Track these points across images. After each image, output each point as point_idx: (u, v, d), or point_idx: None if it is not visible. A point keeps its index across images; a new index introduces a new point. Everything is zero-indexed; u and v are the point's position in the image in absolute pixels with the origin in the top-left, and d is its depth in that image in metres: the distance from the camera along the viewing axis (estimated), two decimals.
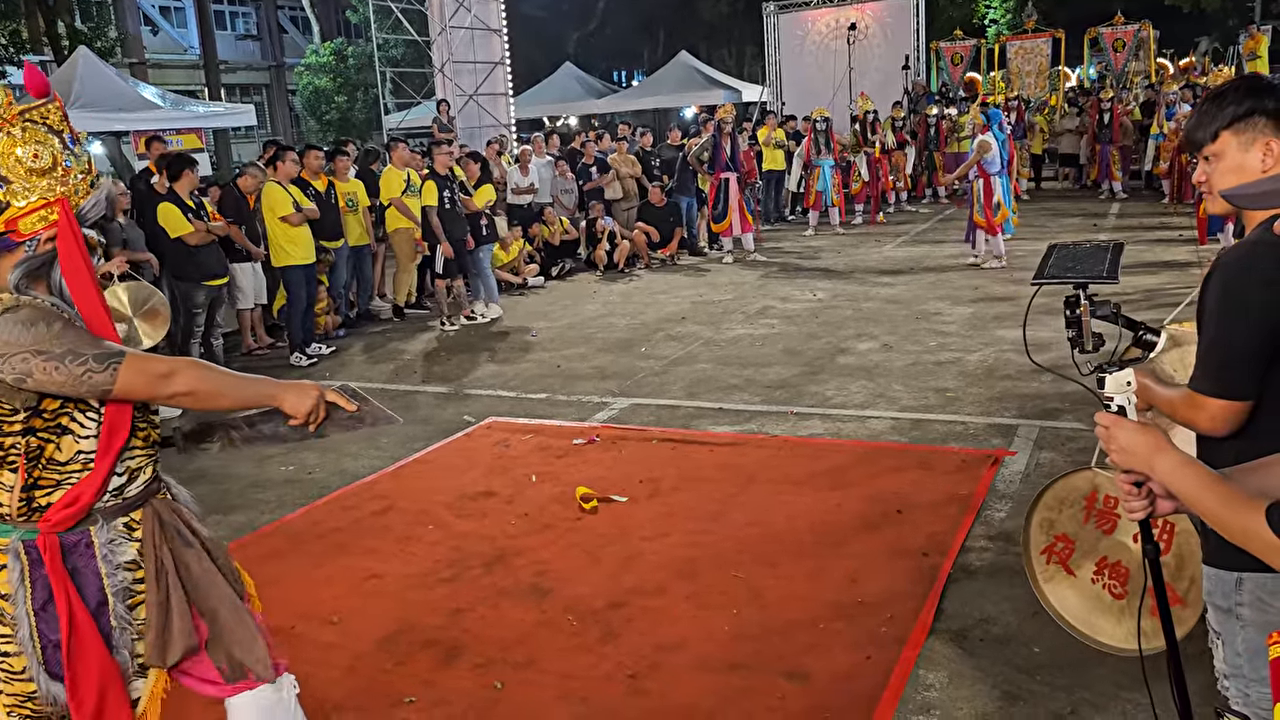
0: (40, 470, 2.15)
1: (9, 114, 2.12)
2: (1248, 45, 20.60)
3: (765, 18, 22.27)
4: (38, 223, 2.14)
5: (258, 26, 35.50)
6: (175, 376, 2.16)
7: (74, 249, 2.17)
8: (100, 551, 2.24)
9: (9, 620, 2.18)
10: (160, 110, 15.15)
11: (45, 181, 2.13)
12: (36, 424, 2.12)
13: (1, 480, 2.15)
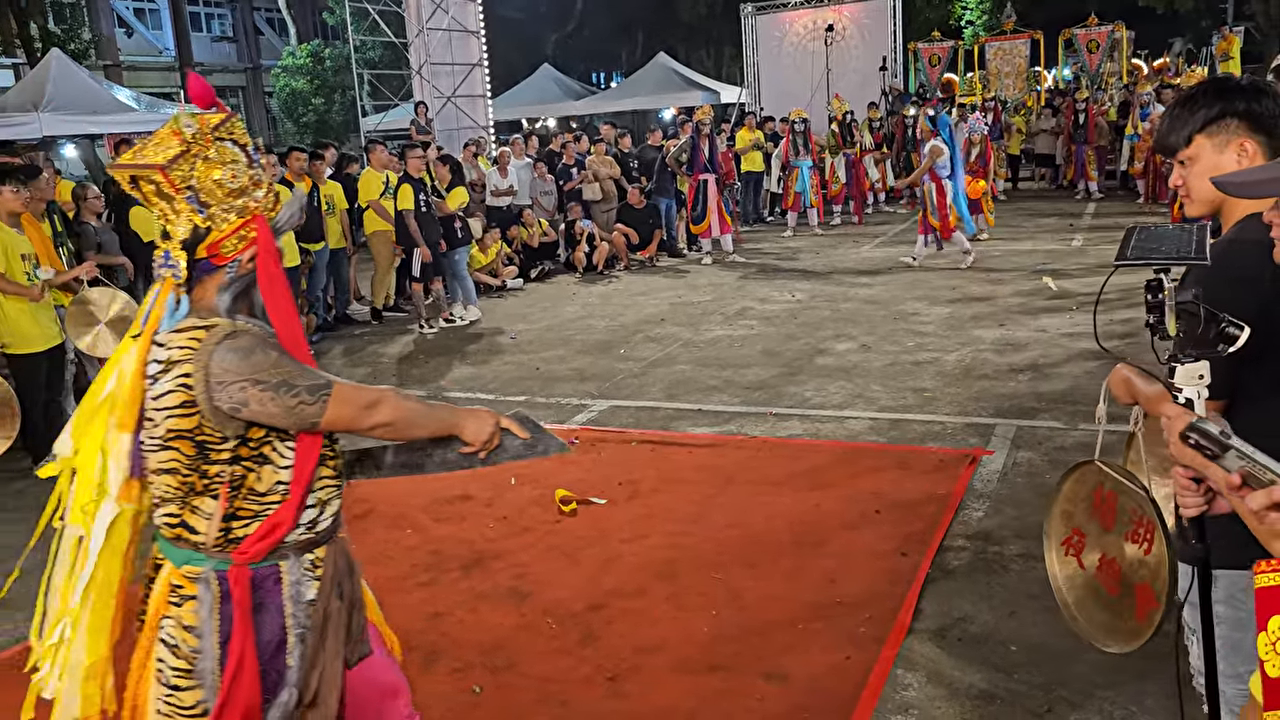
0: (240, 500, 2.08)
1: (204, 139, 2.06)
2: (1220, 46, 20.83)
3: (743, 19, 22.33)
4: (238, 244, 2.08)
5: (233, 28, 35.29)
6: (379, 407, 2.12)
7: (274, 268, 2.12)
8: (288, 590, 2.15)
9: (188, 653, 2.09)
10: (134, 113, 15.03)
11: (241, 201, 2.08)
12: (243, 452, 2.05)
13: (202, 508, 2.07)
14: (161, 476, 2.06)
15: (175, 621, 2.09)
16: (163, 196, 2.06)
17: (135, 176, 2.07)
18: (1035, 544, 4.32)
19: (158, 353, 2.04)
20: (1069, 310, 8.65)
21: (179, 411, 2.00)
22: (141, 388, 2.05)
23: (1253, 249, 1.91)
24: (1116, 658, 3.40)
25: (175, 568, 2.10)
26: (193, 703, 2.09)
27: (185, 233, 2.06)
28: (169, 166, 1.99)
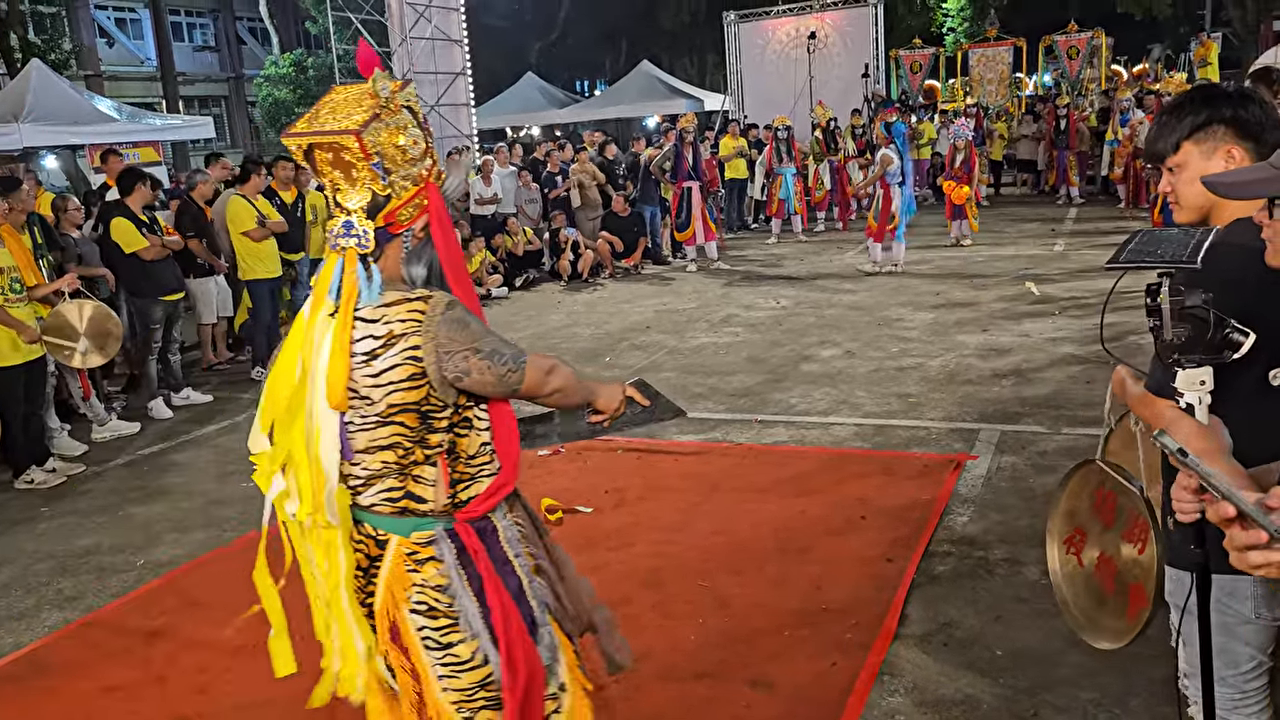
0: (458, 465, 2.13)
1: (394, 102, 2.03)
2: (1198, 52, 21.01)
3: (726, 27, 22.39)
4: (413, 211, 2.07)
5: (216, 38, 35.18)
6: (555, 374, 2.16)
7: (451, 236, 2.13)
8: (504, 539, 2.22)
9: (447, 610, 2.13)
10: (116, 123, 14.94)
11: (417, 169, 2.06)
12: (454, 419, 2.10)
13: (425, 477, 2.11)
14: (378, 454, 2.06)
15: (422, 586, 2.12)
16: (340, 165, 2.02)
17: (314, 145, 2.03)
18: (1020, 548, 4.35)
19: (369, 329, 2.01)
20: (1052, 315, 8.70)
21: (406, 385, 2.01)
22: (349, 365, 2.01)
23: (1238, 253, 1.93)
24: (1100, 661, 3.42)
25: (404, 538, 2.12)
26: (469, 654, 2.14)
27: (364, 201, 2.03)
28: (363, 131, 1.96)
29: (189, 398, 8.09)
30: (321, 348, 2.03)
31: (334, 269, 2.04)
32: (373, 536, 2.14)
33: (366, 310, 2.02)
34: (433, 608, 2.12)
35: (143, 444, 7.15)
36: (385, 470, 2.08)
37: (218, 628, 4.22)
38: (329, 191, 2.08)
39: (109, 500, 6.05)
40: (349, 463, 2.08)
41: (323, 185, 2.11)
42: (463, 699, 2.15)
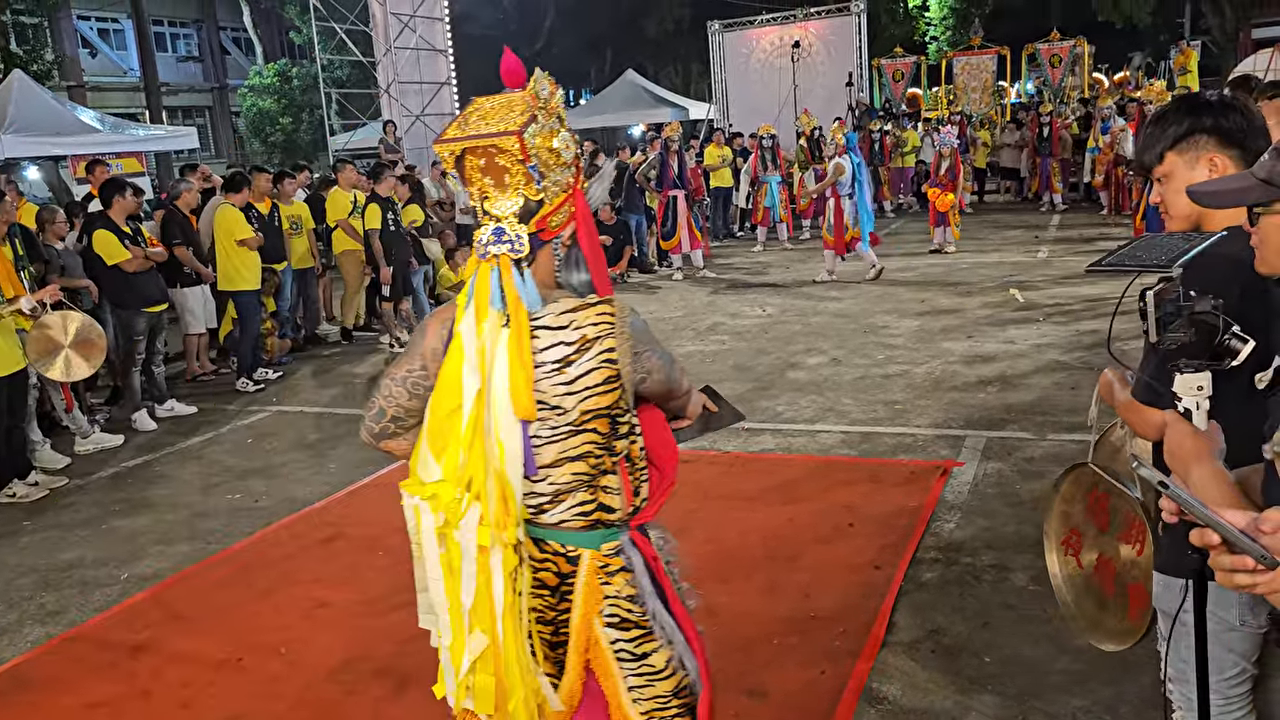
0: (632, 471, 2.11)
1: (551, 105, 1.99)
2: (1178, 60, 21.19)
3: (710, 36, 22.45)
4: (563, 218, 2.02)
5: (199, 48, 35.07)
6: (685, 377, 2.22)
7: (596, 244, 2.10)
8: (655, 543, 2.21)
9: (639, 620, 2.09)
10: (99, 134, 14.88)
11: (567, 175, 2.00)
12: (631, 423, 2.08)
13: (610, 486, 2.07)
14: (568, 465, 2.00)
15: (614, 599, 2.07)
16: (492, 170, 1.96)
17: (467, 150, 1.96)
18: (1007, 555, 4.36)
19: (558, 335, 1.96)
20: (1036, 321, 8.73)
21: (602, 389, 1.96)
22: (532, 375, 1.93)
23: (1222, 263, 1.93)
24: (1089, 667, 3.43)
25: (595, 551, 2.07)
26: (663, 663, 2.10)
27: (515, 207, 1.96)
28: (524, 131, 1.90)
29: (173, 409, 8.03)
30: (497, 360, 1.93)
31: (489, 278, 1.96)
32: (561, 554, 2.07)
33: (549, 318, 1.97)
34: (625, 619, 2.08)
35: (126, 456, 7.10)
36: (575, 483, 2.02)
37: (202, 641, 4.19)
38: (475, 200, 1.99)
39: (92, 513, 6.01)
40: (531, 479, 1.99)
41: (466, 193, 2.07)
42: (656, 708, 2.10)
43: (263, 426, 7.64)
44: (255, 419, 7.87)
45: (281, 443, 7.15)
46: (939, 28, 29.02)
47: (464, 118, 2.02)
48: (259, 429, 7.58)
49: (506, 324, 1.93)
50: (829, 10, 21.88)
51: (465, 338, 1.96)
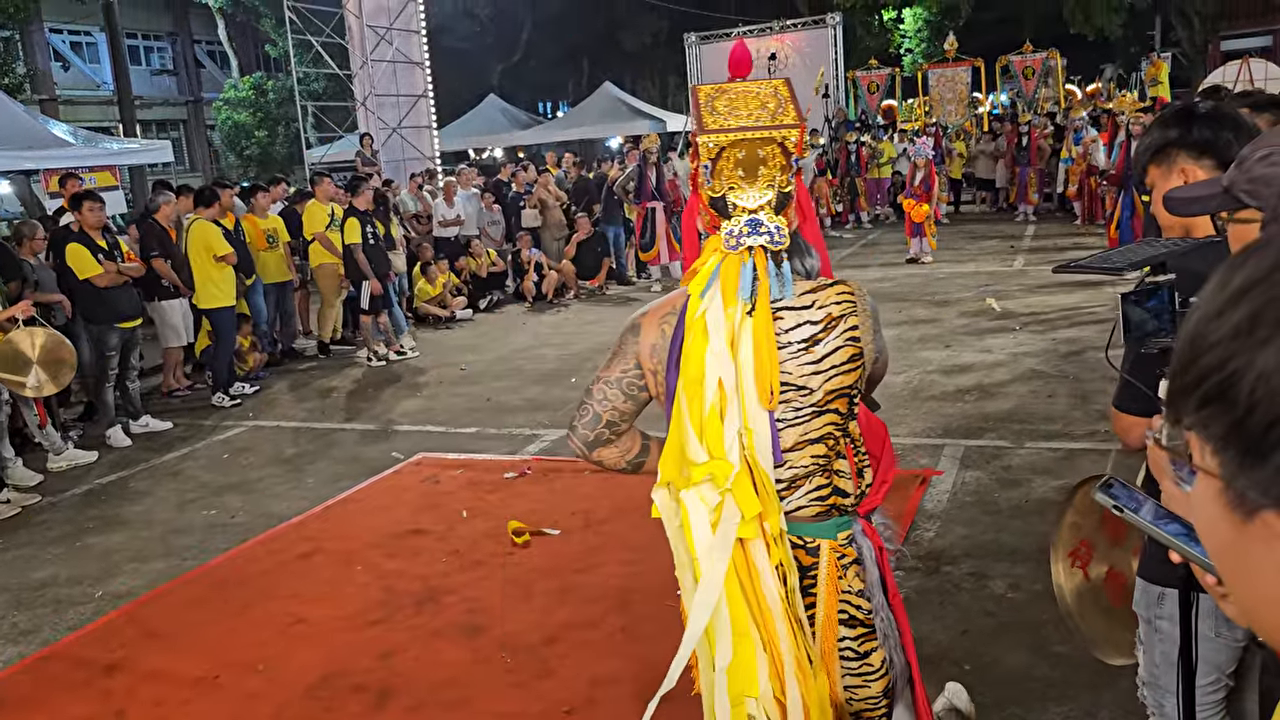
0: (856, 453, 2.08)
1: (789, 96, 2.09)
2: (1149, 72, 21.47)
3: (687, 48, 22.56)
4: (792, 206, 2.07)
5: (174, 61, 34.86)
6: None
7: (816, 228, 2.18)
8: (880, 530, 2.13)
9: (866, 617, 2.03)
10: (72, 148, 14.74)
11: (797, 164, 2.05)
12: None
13: (842, 470, 2.03)
14: (808, 449, 1.97)
15: (846, 594, 2.01)
16: (749, 162, 1.97)
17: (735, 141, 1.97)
18: (986, 562, 4.37)
19: (803, 315, 1.96)
20: (1013, 330, 8.80)
21: (846, 367, 1.96)
22: (778, 359, 1.93)
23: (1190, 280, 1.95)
24: (1068, 674, 3.44)
25: (832, 541, 2.01)
26: (879, 663, 2.04)
27: (767, 199, 1.97)
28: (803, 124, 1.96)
29: (148, 425, 7.96)
30: (741, 345, 1.93)
31: (741, 268, 1.96)
32: (800, 546, 2.00)
33: (796, 299, 1.97)
34: (853, 617, 2.02)
35: (100, 473, 7.02)
36: (813, 468, 1.98)
37: (178, 659, 4.15)
38: (721, 190, 1.99)
39: (65, 531, 5.93)
40: (775, 464, 1.96)
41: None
42: (868, 709, 2.05)
43: (239, 442, 7.58)
44: (231, 434, 7.80)
45: (258, 458, 7.09)
46: (914, 40, 29.25)
47: (711, 108, 2.02)
48: (235, 444, 7.51)
49: (751, 312, 1.93)
50: (805, 23, 22.05)
51: (712, 326, 1.95)
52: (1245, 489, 0.53)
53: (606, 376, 2.13)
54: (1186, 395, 0.56)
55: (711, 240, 2.04)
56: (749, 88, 2.06)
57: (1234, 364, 0.53)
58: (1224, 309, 0.55)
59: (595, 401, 2.14)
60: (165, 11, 32.91)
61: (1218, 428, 0.54)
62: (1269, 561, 0.53)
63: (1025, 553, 4.39)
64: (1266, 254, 0.55)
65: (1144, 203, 8.28)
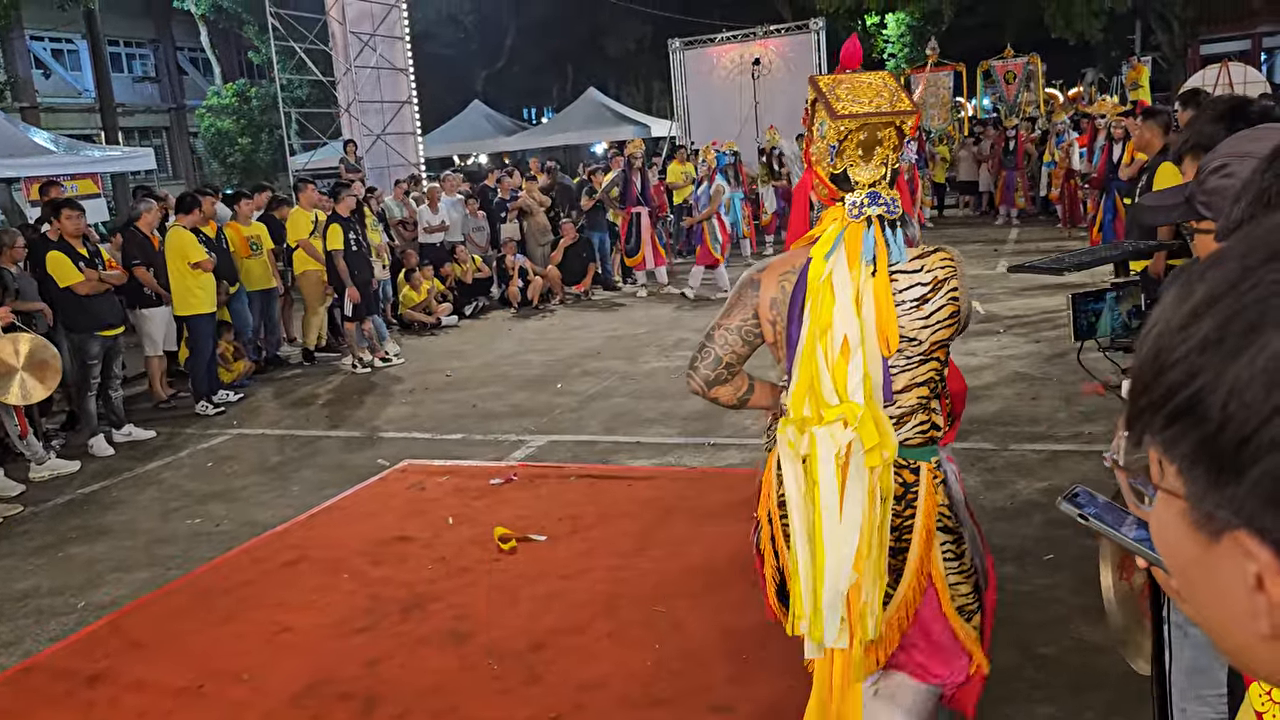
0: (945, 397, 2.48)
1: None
2: (1130, 76, 21.61)
3: (671, 54, 22.57)
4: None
5: (156, 68, 34.70)
6: None
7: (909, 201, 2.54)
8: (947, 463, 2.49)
9: (956, 526, 2.41)
10: (53, 155, 14.66)
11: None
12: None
13: (936, 407, 2.42)
14: (914, 390, 2.35)
15: (941, 506, 2.40)
16: (868, 143, 2.33)
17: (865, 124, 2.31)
18: None
19: (914, 278, 2.34)
20: (997, 334, 8.83)
21: (948, 323, 2.36)
22: (896, 315, 2.30)
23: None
24: (1055, 675, 3.46)
25: (929, 464, 2.39)
26: (969, 564, 2.43)
27: (879, 174, 2.35)
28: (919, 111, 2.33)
29: (131, 434, 7.91)
30: (864, 303, 2.28)
31: (861, 234, 2.32)
32: (905, 466, 2.36)
33: (903, 263, 2.34)
34: (947, 525, 2.40)
35: (83, 482, 6.97)
36: (917, 406, 2.36)
37: (162, 669, 4.12)
38: (842, 167, 2.34)
39: (48, 541, 5.88)
40: (886, 405, 2.32)
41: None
42: (966, 603, 2.42)
43: (223, 450, 7.54)
44: (215, 442, 7.76)
45: (242, 466, 7.06)
46: (896, 45, 29.38)
47: (835, 95, 2.36)
48: (219, 452, 7.47)
49: (874, 273, 2.30)
50: (789, 29, 22.10)
51: (839, 285, 2.31)
52: (1214, 508, 0.52)
53: (727, 324, 2.52)
54: (1152, 413, 0.55)
55: (830, 211, 2.40)
56: (862, 78, 2.41)
57: (1203, 378, 0.52)
58: (1188, 322, 0.53)
59: (717, 346, 2.53)
60: (147, 18, 32.76)
61: (1185, 445, 0.53)
62: (1238, 580, 0.52)
63: (1011, 554, 4.40)
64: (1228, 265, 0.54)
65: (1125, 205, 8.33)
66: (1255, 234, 0.54)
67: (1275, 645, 0.52)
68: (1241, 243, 0.54)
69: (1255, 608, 0.51)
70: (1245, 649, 0.55)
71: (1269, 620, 0.51)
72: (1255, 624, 0.52)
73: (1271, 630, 0.51)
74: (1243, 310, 0.51)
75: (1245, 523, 0.51)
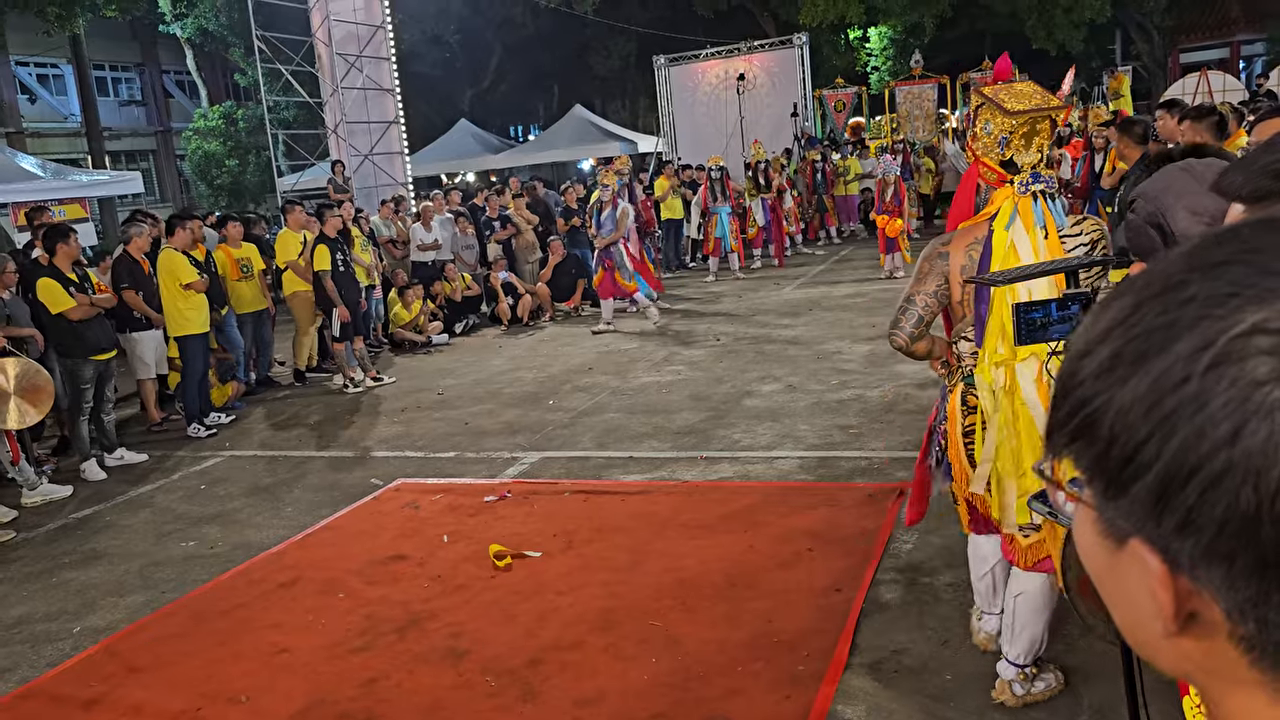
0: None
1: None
2: (1111, 85, 21.81)
3: (656, 71, 22.71)
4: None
5: (142, 92, 34.70)
6: None
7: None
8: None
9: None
10: (40, 180, 14.66)
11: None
12: None
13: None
14: None
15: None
16: (1029, 133, 3.02)
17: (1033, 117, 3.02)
18: (964, 573, 4.40)
19: (1077, 240, 2.99)
20: None
21: (1096, 274, 2.96)
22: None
23: None
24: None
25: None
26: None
27: (1036, 158, 3.03)
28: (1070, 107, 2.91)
29: (123, 458, 7.90)
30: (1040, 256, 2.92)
31: (1031, 206, 2.99)
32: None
33: (1067, 228, 2.99)
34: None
35: (75, 507, 6.96)
36: None
37: (158, 693, 4.12)
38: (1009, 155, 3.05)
39: (41, 566, 5.87)
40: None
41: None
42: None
43: (216, 472, 7.54)
44: (208, 464, 7.76)
45: (236, 488, 7.06)
46: (880, 58, 29.58)
47: (1000, 99, 3.06)
48: (212, 475, 7.47)
49: (1046, 237, 2.96)
50: (772, 44, 22.26)
51: (1022, 249, 2.97)
52: (1115, 517, 0.57)
53: (923, 289, 3.21)
54: (1061, 429, 0.59)
55: (999, 192, 3.10)
56: (1016, 85, 3.12)
57: (1098, 400, 0.56)
58: (1092, 347, 0.58)
59: (919, 307, 3.21)
60: (132, 42, 32.77)
61: (1085, 461, 0.58)
62: (1140, 584, 0.56)
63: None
64: (1128, 295, 0.58)
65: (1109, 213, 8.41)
66: (1155, 267, 0.59)
67: (1173, 643, 0.56)
68: (1143, 274, 0.59)
69: (1155, 609, 0.56)
70: (1151, 646, 0.59)
71: (1161, 622, 0.56)
72: (1155, 624, 0.56)
73: (1164, 631, 0.56)
74: (1133, 339, 0.55)
75: (1136, 531, 0.56)
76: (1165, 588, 0.55)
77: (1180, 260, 0.58)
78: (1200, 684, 0.59)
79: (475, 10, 27.99)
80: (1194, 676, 0.59)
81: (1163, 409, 0.53)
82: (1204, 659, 0.57)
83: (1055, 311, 2.49)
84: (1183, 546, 0.53)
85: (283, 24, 18.47)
